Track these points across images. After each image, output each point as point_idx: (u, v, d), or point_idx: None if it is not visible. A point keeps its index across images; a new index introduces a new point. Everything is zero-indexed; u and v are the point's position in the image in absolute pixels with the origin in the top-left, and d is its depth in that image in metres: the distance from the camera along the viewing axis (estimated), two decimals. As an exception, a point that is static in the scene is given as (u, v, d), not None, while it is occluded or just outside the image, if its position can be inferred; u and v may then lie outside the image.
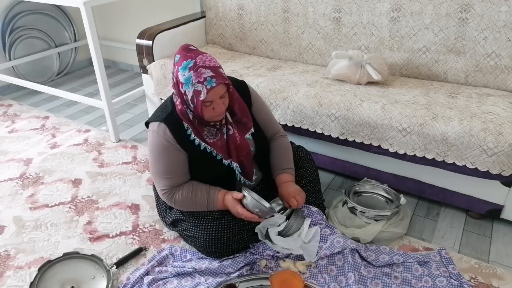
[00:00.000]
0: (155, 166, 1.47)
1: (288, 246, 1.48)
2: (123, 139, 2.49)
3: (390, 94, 1.84)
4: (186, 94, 1.35)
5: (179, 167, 1.46)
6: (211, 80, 1.30)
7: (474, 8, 1.86)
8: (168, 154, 1.43)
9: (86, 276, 1.46)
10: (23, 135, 2.55)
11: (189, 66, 1.31)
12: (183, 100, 1.40)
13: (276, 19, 2.37)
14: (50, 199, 1.93)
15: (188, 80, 1.31)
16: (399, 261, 1.49)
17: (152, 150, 1.46)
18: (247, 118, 1.52)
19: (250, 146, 1.51)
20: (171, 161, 1.44)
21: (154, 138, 1.44)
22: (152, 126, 1.46)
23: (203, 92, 1.30)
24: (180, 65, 1.33)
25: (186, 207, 1.50)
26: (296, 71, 2.18)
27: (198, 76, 1.30)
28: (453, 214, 1.82)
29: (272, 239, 1.50)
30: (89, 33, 2.14)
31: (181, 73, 1.33)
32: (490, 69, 1.91)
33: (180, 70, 1.33)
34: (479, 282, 1.45)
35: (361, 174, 1.93)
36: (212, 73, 1.31)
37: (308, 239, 1.50)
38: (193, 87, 1.31)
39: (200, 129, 1.44)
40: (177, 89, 1.39)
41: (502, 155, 1.52)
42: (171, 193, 1.47)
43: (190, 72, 1.30)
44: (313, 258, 1.48)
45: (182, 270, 1.45)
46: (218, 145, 1.45)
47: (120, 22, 3.47)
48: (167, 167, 1.45)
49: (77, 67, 3.72)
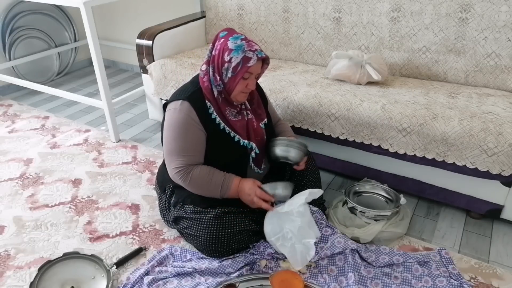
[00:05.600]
0: (173, 143, 1.48)
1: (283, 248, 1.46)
2: (123, 139, 2.49)
3: (390, 94, 1.84)
4: (231, 61, 1.40)
5: (199, 146, 1.48)
6: (261, 52, 1.43)
7: (474, 8, 1.86)
8: (190, 131, 1.46)
9: (86, 276, 1.46)
10: (23, 135, 2.55)
11: (241, 38, 1.43)
12: (218, 72, 1.44)
13: (276, 19, 2.37)
14: (50, 199, 1.93)
15: (239, 47, 1.40)
16: (399, 261, 1.49)
17: (173, 126, 1.47)
18: (262, 110, 1.63)
19: (264, 134, 1.60)
20: (192, 138, 1.46)
21: (177, 115, 1.46)
22: (173, 105, 1.48)
23: (253, 59, 1.40)
24: (231, 36, 1.43)
25: (199, 186, 1.49)
26: (296, 71, 2.18)
27: (249, 46, 1.42)
28: (453, 214, 1.82)
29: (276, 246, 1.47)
30: (89, 33, 2.14)
31: (232, 42, 1.42)
32: (490, 69, 1.91)
33: (230, 40, 1.42)
34: (479, 282, 1.45)
35: (361, 174, 1.93)
36: (260, 49, 1.45)
37: (291, 208, 1.45)
38: (244, 54, 1.40)
39: (223, 108, 1.50)
40: (216, 60, 1.44)
41: (502, 155, 1.52)
42: (188, 170, 1.47)
43: (243, 42, 1.42)
44: (298, 266, 1.43)
45: (182, 270, 1.46)
46: (238, 125, 1.52)
47: (120, 22, 3.47)
48: (187, 144, 1.47)
49: (77, 67, 3.73)
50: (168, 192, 1.63)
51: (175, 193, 1.60)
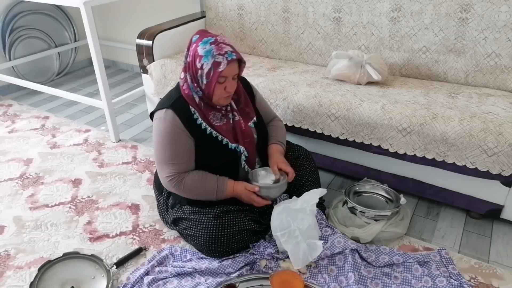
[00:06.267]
0: (163, 152, 1.48)
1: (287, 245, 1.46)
2: (123, 139, 2.49)
3: (390, 94, 1.84)
4: (203, 67, 1.38)
5: (187, 153, 1.48)
6: (231, 54, 1.38)
7: (474, 8, 1.86)
8: (177, 139, 1.45)
9: (86, 276, 1.46)
10: (23, 135, 2.55)
11: (210, 41, 1.39)
12: (195, 79, 1.43)
13: (276, 19, 2.37)
14: (50, 199, 1.93)
15: (208, 53, 1.37)
16: (399, 261, 1.49)
17: (160, 136, 1.47)
18: (250, 109, 1.59)
19: (253, 134, 1.57)
20: (180, 146, 1.46)
21: (162, 124, 1.45)
22: (159, 114, 1.48)
23: (223, 63, 1.36)
24: (201, 41, 1.40)
25: (194, 192, 1.50)
26: (296, 71, 2.18)
27: (219, 49, 1.37)
28: (453, 214, 1.82)
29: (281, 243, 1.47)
30: (89, 33, 2.14)
31: (201, 47, 1.38)
32: (490, 69, 1.91)
33: (200, 45, 1.39)
34: (479, 282, 1.45)
35: (361, 174, 1.93)
36: (232, 49, 1.40)
37: (304, 206, 1.45)
38: (213, 59, 1.36)
39: (206, 113, 1.48)
40: (190, 68, 1.43)
41: (502, 155, 1.52)
42: (179, 178, 1.47)
43: (212, 46, 1.37)
44: (298, 266, 1.43)
45: (182, 270, 1.45)
46: (224, 129, 1.50)
47: (120, 22, 3.47)
48: (175, 152, 1.46)
49: (77, 67, 3.72)
50: (165, 193, 1.63)
51: (172, 195, 1.60)
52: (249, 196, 1.49)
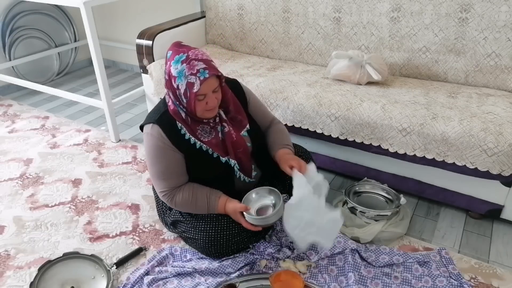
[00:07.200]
0: (153, 168, 1.47)
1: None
2: (123, 139, 2.49)
3: (390, 94, 1.84)
4: (179, 88, 1.34)
5: (177, 168, 1.45)
6: (204, 72, 1.30)
7: (474, 8, 1.86)
8: (164, 155, 1.43)
9: (86, 276, 1.46)
10: (23, 135, 2.55)
11: (182, 59, 1.32)
12: (176, 97, 1.39)
13: (276, 19, 2.37)
14: (50, 199, 1.93)
15: (181, 73, 1.31)
16: (399, 261, 1.49)
17: (148, 152, 1.46)
18: (242, 116, 1.52)
19: (247, 142, 1.51)
20: (168, 162, 1.44)
21: (150, 140, 1.43)
22: (146, 129, 1.45)
23: (196, 83, 1.30)
24: (173, 60, 1.34)
25: (186, 209, 1.50)
26: (296, 71, 2.18)
27: (191, 68, 1.30)
28: (453, 214, 1.82)
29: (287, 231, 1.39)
30: (89, 33, 2.14)
31: (173, 67, 1.33)
32: (490, 69, 1.91)
33: (172, 65, 1.34)
34: (479, 282, 1.45)
35: (361, 174, 1.93)
36: (205, 65, 1.32)
37: (300, 196, 1.36)
38: (186, 80, 1.31)
39: (194, 128, 1.44)
40: (169, 86, 1.39)
41: (502, 155, 1.52)
42: (171, 194, 1.47)
43: (183, 65, 1.31)
44: (330, 244, 1.38)
45: (182, 270, 1.46)
46: (213, 143, 1.45)
47: (120, 22, 3.47)
48: (165, 168, 1.45)
49: (77, 67, 3.72)
50: None
51: None
52: (239, 220, 1.43)
